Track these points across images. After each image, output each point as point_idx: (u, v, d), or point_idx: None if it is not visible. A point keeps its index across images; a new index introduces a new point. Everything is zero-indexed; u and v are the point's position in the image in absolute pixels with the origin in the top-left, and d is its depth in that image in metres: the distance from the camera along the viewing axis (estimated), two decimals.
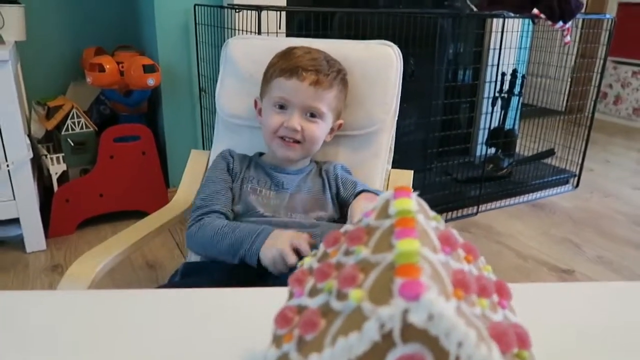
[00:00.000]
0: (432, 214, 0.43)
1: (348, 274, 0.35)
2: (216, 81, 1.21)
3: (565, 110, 2.73)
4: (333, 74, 0.99)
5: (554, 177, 2.55)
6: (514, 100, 2.46)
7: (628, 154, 3.29)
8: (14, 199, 1.69)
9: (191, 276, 0.92)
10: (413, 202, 0.39)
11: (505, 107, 2.44)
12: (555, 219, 2.26)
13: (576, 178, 2.61)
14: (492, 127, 2.43)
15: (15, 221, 1.73)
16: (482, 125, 2.46)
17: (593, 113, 2.52)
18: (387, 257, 0.34)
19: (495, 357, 0.30)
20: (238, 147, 1.17)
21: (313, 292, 0.38)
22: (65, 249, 1.82)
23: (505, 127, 2.49)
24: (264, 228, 0.89)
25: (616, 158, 3.17)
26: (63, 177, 1.88)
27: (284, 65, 0.98)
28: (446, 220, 1.81)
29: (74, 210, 1.86)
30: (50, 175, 1.84)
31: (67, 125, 1.82)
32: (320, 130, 1.00)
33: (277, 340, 0.36)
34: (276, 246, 0.84)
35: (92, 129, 1.87)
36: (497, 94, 2.34)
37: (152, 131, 1.94)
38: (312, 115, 0.98)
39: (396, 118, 1.17)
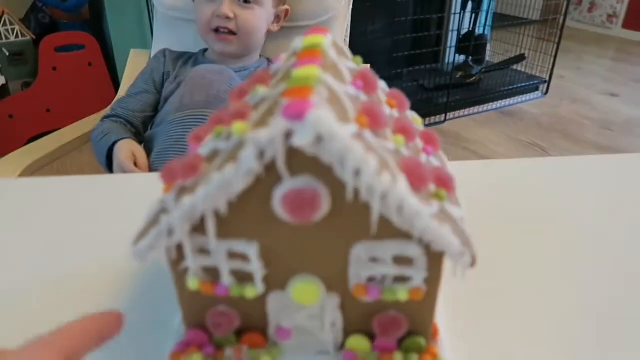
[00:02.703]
0: (352, 56, 0.37)
1: (238, 111, 0.29)
2: None
3: (539, 19, 2.63)
4: None
5: (523, 84, 2.50)
6: (485, 3, 2.35)
7: (600, 61, 3.23)
8: None
9: None
10: (325, 38, 0.33)
11: (476, 9, 2.33)
12: (523, 125, 2.24)
13: (546, 85, 2.57)
14: (463, 33, 2.33)
15: None
16: (452, 27, 2.34)
17: (565, 15, 2.43)
18: (281, 87, 0.28)
19: (401, 187, 0.25)
20: (179, 44, 1.07)
21: (206, 145, 0.32)
22: None
23: (476, 32, 2.39)
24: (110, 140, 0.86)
25: (588, 66, 3.12)
26: (3, 92, 1.75)
27: None
28: None
29: (19, 126, 1.75)
30: None
31: (0, 33, 1.66)
32: (256, 17, 0.91)
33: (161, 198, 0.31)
34: (117, 161, 0.83)
35: (29, 37, 1.71)
36: None
37: (99, 40, 1.79)
38: (246, 0, 0.89)
39: (351, 6, 1.07)
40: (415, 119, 0.37)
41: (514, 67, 2.56)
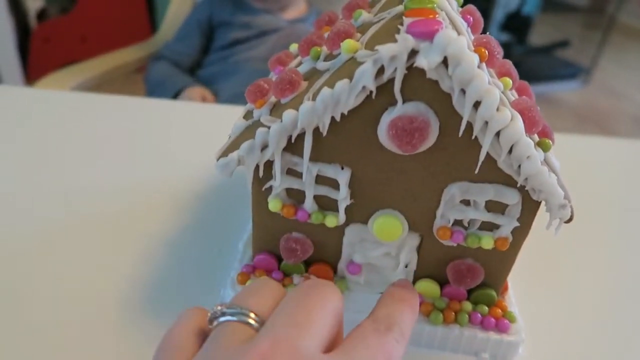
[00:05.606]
0: None
1: (341, 29, 0.27)
2: None
3: (588, 8, 2.52)
4: None
5: (563, 71, 2.42)
6: None
7: None
8: None
9: None
10: None
11: None
12: (558, 112, 2.18)
13: (587, 74, 2.49)
14: (509, 11, 2.25)
15: None
16: (500, 1, 2.25)
17: (618, 5, 2.33)
18: (395, 10, 0.26)
19: (518, 126, 0.23)
20: None
21: (299, 65, 0.31)
22: None
23: (524, 12, 2.31)
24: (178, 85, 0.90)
25: (632, 61, 3.00)
26: (42, 16, 1.73)
27: None
28: None
29: (54, 52, 1.74)
30: (26, 13, 1.69)
31: None
32: None
33: (246, 114, 0.30)
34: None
35: None
36: None
37: None
38: None
39: None
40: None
41: (556, 54, 2.48)
